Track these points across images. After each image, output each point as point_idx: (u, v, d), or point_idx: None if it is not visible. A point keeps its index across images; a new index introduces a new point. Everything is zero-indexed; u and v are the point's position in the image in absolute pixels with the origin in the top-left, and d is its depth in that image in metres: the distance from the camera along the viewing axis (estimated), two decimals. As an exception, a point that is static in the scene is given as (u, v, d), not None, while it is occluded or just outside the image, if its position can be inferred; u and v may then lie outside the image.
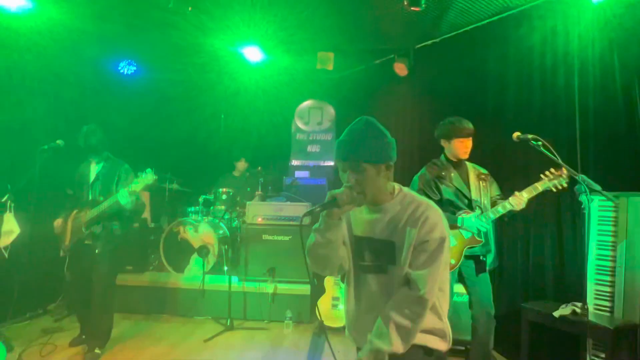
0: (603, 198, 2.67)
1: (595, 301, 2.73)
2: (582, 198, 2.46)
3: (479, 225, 2.69)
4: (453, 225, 2.72)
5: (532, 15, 3.45)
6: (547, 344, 3.04)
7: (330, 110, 5.89)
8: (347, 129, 1.52)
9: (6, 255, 2.99)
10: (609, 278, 2.68)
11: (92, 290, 3.20)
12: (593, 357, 2.67)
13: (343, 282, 1.69)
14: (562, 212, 3.13)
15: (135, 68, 5.37)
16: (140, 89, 5.47)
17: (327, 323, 3.76)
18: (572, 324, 2.65)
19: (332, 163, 5.73)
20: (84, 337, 3.35)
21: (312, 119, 5.92)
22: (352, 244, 1.60)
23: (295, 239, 4.21)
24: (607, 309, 2.67)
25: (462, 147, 2.82)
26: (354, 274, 1.60)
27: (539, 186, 2.66)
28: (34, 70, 3.99)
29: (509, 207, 2.69)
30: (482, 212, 2.75)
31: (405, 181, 2.92)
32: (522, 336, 2.96)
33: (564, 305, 2.76)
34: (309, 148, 5.86)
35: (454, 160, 2.88)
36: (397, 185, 1.57)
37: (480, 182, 2.86)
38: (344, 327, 1.72)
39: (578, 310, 2.64)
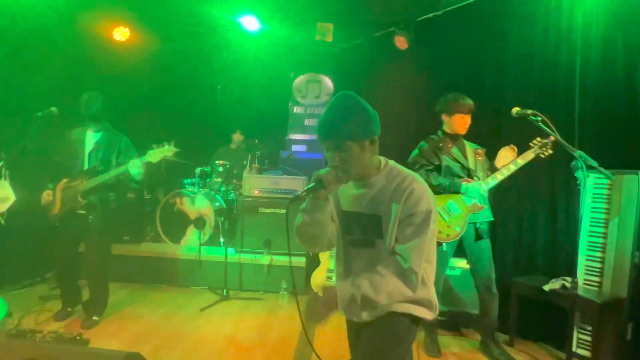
0: (599, 175, 2.69)
1: (585, 276, 2.79)
2: (579, 174, 2.48)
3: (483, 192, 2.77)
4: (456, 191, 2.79)
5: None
6: (535, 317, 3.12)
7: (329, 84, 5.81)
8: (327, 107, 1.48)
9: (2, 222, 2.99)
10: (599, 254, 2.74)
11: (86, 259, 3.22)
12: (580, 330, 2.75)
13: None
14: (556, 188, 3.16)
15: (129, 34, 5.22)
16: (135, 58, 5.35)
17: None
18: (561, 298, 2.72)
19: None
20: (69, 309, 3.32)
21: (310, 92, 5.84)
22: (340, 218, 1.61)
23: (291, 212, 4.24)
24: (596, 284, 2.74)
25: (462, 122, 2.88)
26: (343, 248, 1.61)
27: (532, 153, 2.74)
28: (28, 39, 3.89)
29: (506, 173, 2.76)
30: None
31: (404, 154, 2.93)
32: (511, 309, 3.04)
33: (554, 280, 2.82)
34: (307, 122, 5.81)
35: (452, 134, 2.93)
36: (383, 159, 1.56)
37: (477, 156, 2.92)
38: None
39: (568, 284, 2.69)
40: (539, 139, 2.73)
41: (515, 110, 2.67)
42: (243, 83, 5.77)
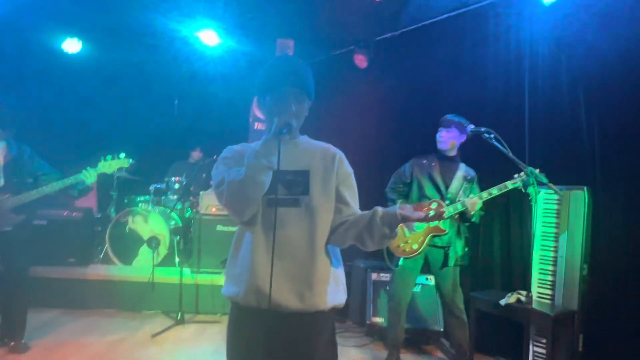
0: (548, 191, 2.79)
1: (539, 289, 2.86)
2: (530, 190, 2.56)
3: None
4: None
5: (488, 14, 3.53)
6: (493, 332, 3.16)
7: (290, 100, 5.77)
8: (283, 58, 1.56)
9: None
10: (550, 267, 2.82)
11: (7, 278, 2.95)
12: (535, 343, 2.80)
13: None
14: (511, 205, 3.25)
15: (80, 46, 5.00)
16: (86, 70, 5.12)
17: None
18: (516, 312, 2.75)
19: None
20: (6, 340, 3.02)
21: (271, 108, 5.78)
22: None
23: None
24: (549, 296, 2.81)
25: (438, 136, 2.90)
26: (262, 212, 1.45)
27: (509, 184, 2.70)
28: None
29: (460, 208, 2.74)
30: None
31: (363, 171, 2.92)
32: (470, 324, 3.06)
33: (510, 294, 2.86)
34: (267, 138, 5.73)
35: (443, 154, 2.91)
36: None
37: (465, 182, 2.87)
38: None
39: (523, 298, 2.74)
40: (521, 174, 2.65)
41: (470, 127, 2.75)
42: (202, 98, 5.64)
